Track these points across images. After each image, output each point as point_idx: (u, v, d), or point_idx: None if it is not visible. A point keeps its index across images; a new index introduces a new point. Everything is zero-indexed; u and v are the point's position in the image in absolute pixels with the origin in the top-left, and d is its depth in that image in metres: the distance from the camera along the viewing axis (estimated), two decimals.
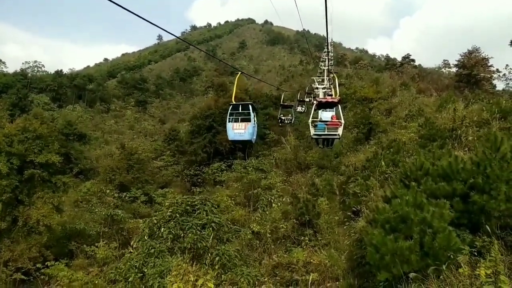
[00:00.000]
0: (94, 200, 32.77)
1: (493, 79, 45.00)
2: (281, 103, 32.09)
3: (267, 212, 20.19)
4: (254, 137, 16.53)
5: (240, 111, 16.11)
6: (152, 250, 10.29)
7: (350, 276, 12.66)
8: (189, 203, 11.48)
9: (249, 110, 15.81)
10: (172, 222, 10.83)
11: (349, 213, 17.38)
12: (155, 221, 11.14)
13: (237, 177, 31.17)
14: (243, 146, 41.88)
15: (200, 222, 10.66)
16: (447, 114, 24.17)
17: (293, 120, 33.01)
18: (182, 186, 40.43)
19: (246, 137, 15.50)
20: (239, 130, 15.40)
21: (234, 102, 16.43)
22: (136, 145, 47.61)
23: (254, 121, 16.04)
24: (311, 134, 16.34)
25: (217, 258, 10.07)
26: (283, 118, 32.65)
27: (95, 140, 63.82)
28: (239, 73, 20.04)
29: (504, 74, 39.04)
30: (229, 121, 15.84)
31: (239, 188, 27.26)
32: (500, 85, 48.60)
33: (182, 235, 10.78)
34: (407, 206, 8.91)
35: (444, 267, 7.77)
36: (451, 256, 8.03)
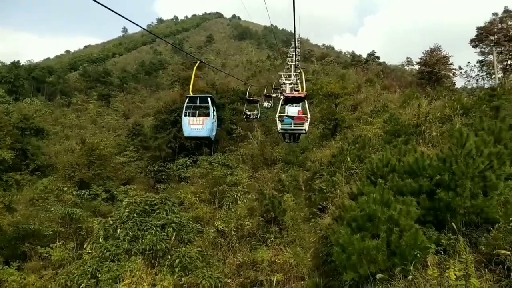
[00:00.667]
0: (52, 198, 31.10)
1: (455, 76, 46.28)
2: (247, 97, 32.03)
3: (233, 210, 19.69)
4: (214, 134, 14.91)
5: (198, 104, 14.55)
6: (107, 253, 9.56)
7: (315, 274, 12.41)
8: (148, 202, 10.79)
9: (208, 103, 14.27)
10: (129, 223, 10.12)
11: (314, 210, 17.19)
12: (111, 222, 10.38)
13: (202, 173, 30.45)
14: (208, 143, 40.67)
15: (159, 222, 10.02)
16: (411, 110, 24.52)
17: (259, 115, 32.44)
18: (146, 183, 39.12)
19: (204, 133, 13.95)
20: (196, 126, 13.82)
21: (191, 94, 14.80)
22: (98, 140, 45.65)
23: (214, 116, 14.63)
24: (278, 128, 16.53)
25: (177, 261, 9.50)
26: (248, 113, 32.22)
27: (54, 135, 60.90)
28: (198, 62, 17.17)
29: (466, 71, 40.37)
30: (185, 115, 14.27)
31: (204, 185, 26.57)
32: (459, 83, 50.22)
33: (141, 236, 10.09)
34: (374, 203, 8.66)
35: (411, 267, 7.58)
36: (418, 255, 7.85)
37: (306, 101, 17.38)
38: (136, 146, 48.15)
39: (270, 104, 38.64)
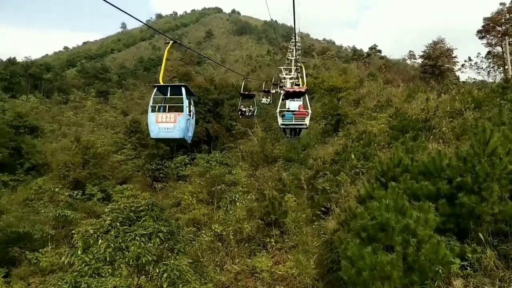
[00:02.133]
0: (46, 198, 30.15)
1: (465, 68, 44.46)
2: (241, 91, 29.69)
3: (231, 212, 18.62)
4: (190, 135, 11.85)
5: (169, 96, 11.63)
6: (86, 268, 8.50)
7: (320, 284, 11.37)
8: (133, 208, 9.70)
9: (181, 95, 11.17)
10: (112, 232, 9.04)
11: (318, 212, 16.11)
12: (92, 232, 9.31)
13: (201, 172, 29.40)
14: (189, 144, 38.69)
15: (145, 232, 8.94)
16: (417, 105, 23.38)
17: (255, 111, 29.89)
18: (143, 182, 38.08)
19: (176, 134, 10.83)
20: (167, 124, 10.81)
21: (161, 83, 11.78)
22: (94, 138, 44.59)
23: (191, 112, 11.73)
24: (279, 124, 16.38)
25: (165, 275, 8.45)
26: (243, 109, 29.81)
27: (51, 133, 59.87)
28: (170, 42, 13.04)
29: (476, 63, 38.77)
30: (152, 111, 11.31)
31: (202, 184, 25.50)
32: (469, 75, 48.86)
33: (124, 247, 9.03)
34: (387, 210, 7.56)
35: (433, 285, 6.53)
36: (440, 270, 6.79)
37: (307, 95, 17.24)
38: (133, 144, 47.01)
39: (269, 99, 37.40)
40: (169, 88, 11.65)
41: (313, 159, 25.99)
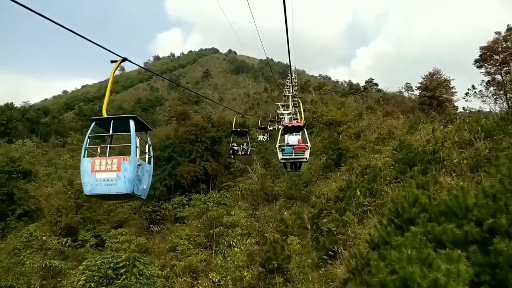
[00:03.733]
0: (36, 246, 28.60)
1: (468, 97, 43.55)
2: (232, 128, 27.49)
3: (228, 259, 17.15)
4: (145, 187, 8.69)
5: (111, 133, 8.54)
6: None
7: None
8: (112, 265, 8.38)
9: (129, 130, 8.30)
10: None
11: (324, 257, 14.71)
12: None
13: (199, 213, 27.99)
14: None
15: None
16: (422, 136, 22.40)
17: (249, 150, 27.22)
18: (139, 225, 36.46)
19: (120, 188, 7.78)
20: (106, 174, 7.86)
21: (104, 115, 8.67)
22: None
23: (148, 155, 9.12)
24: (279, 158, 16.51)
25: None
26: (235, 148, 27.27)
27: (47, 177, 58.55)
28: (119, 60, 8.62)
29: (481, 91, 38.01)
30: (84, 155, 8.37)
31: (199, 227, 24.08)
32: (468, 105, 47.90)
33: None
34: (410, 263, 6.34)
35: None
36: None
37: (305, 130, 17.31)
38: None
39: (266, 137, 36.41)
40: (111, 121, 8.46)
41: (316, 196, 24.75)
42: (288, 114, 32.57)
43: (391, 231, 8.47)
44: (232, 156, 28.53)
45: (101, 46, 7.39)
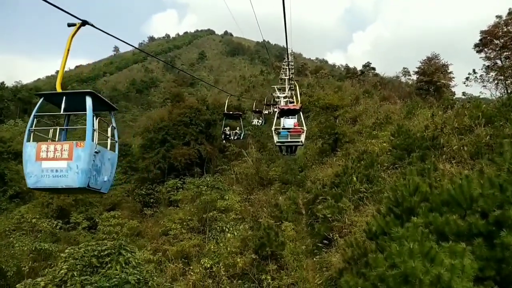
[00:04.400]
0: (27, 228, 28.21)
1: (469, 81, 42.92)
2: (225, 111, 26.56)
3: (221, 244, 16.83)
4: (106, 179, 7.39)
5: (64, 112, 7.09)
6: None
7: None
8: (96, 253, 7.95)
9: (84, 108, 6.78)
10: (68, 284, 7.32)
11: (319, 244, 14.41)
12: (43, 284, 7.56)
13: (192, 197, 27.62)
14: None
15: (108, 284, 7.19)
16: (420, 121, 21.98)
17: (242, 134, 26.76)
18: (132, 208, 36.11)
19: (71, 180, 6.33)
20: (55, 164, 6.36)
21: (58, 90, 7.25)
22: None
23: (112, 140, 7.95)
24: (275, 141, 16.54)
25: None
26: (227, 132, 26.89)
27: None
28: (78, 23, 7.18)
29: (481, 75, 37.27)
30: (28, 139, 6.91)
31: (193, 211, 23.72)
32: (468, 90, 47.43)
33: None
34: (412, 257, 5.95)
35: None
36: None
37: (301, 113, 17.17)
38: (123, 167, 45.20)
39: (261, 121, 35.86)
40: (64, 97, 6.91)
41: (311, 182, 24.41)
42: (284, 97, 32.12)
43: (390, 221, 8.09)
44: (224, 141, 28.27)
45: (53, 5, 5.99)
